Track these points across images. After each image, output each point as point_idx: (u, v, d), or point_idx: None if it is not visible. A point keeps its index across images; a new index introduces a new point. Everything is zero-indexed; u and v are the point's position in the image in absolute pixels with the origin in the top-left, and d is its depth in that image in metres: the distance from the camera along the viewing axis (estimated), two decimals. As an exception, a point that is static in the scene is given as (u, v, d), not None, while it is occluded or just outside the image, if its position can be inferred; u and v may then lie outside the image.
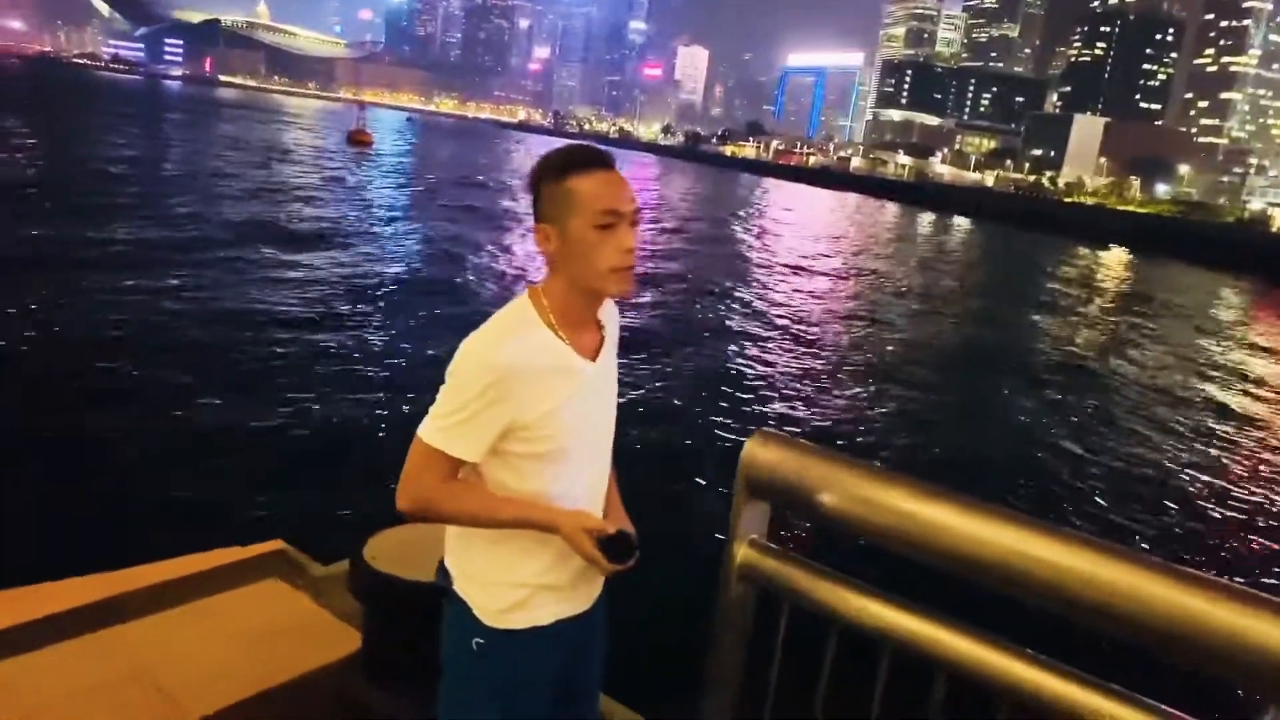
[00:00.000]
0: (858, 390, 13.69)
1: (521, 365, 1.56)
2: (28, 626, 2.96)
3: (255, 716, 2.70)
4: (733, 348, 15.46)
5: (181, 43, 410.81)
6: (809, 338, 17.28)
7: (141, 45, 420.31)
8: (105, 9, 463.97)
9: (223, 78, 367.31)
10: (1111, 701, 1.49)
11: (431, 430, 1.59)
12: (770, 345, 16.07)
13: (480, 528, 1.67)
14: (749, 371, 13.92)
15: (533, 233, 1.66)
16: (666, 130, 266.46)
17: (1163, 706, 1.47)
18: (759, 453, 1.95)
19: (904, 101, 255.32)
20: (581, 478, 1.72)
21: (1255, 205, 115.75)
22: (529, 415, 1.58)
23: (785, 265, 29.05)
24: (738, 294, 21.78)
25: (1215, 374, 19.74)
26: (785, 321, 18.72)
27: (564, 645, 1.77)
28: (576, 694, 1.88)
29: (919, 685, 1.75)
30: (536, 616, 1.70)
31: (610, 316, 1.79)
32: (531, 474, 1.65)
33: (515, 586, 1.69)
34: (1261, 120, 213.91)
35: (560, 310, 1.64)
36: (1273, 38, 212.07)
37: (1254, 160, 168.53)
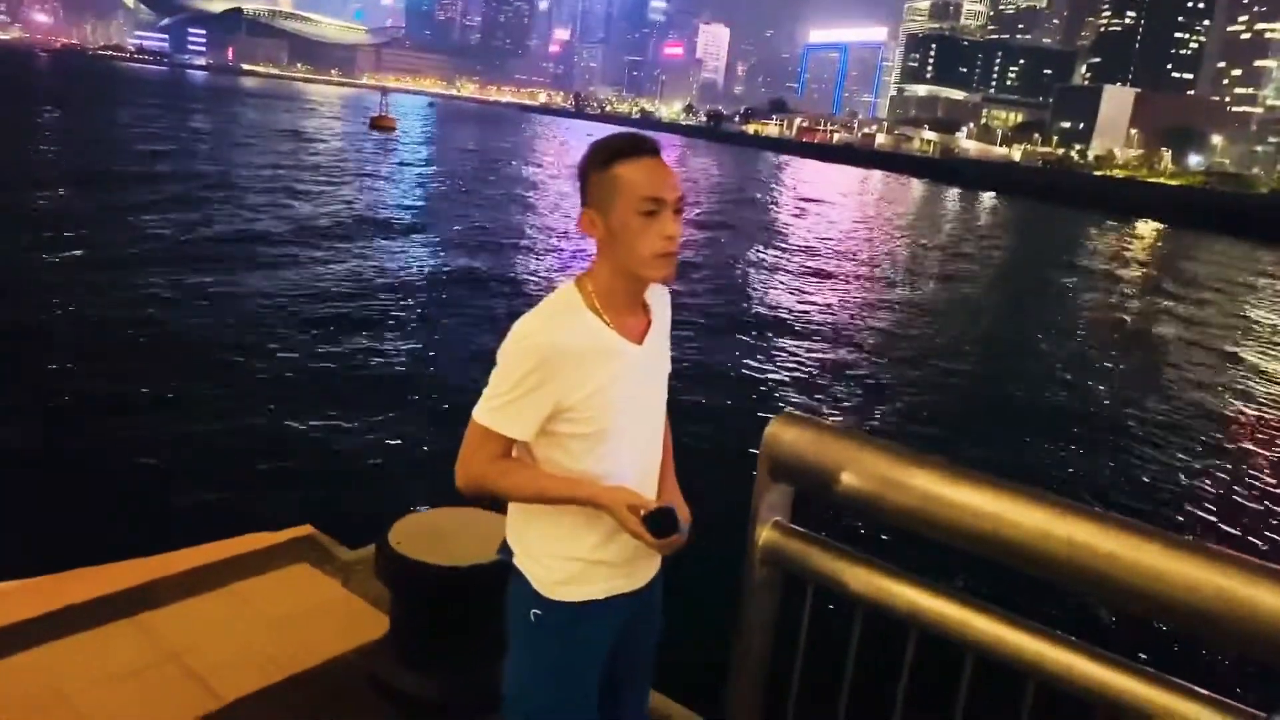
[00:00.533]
0: (885, 372, 13.59)
1: (566, 348, 1.62)
2: (61, 613, 3.01)
3: (286, 700, 2.74)
4: (755, 330, 15.39)
5: (204, 32, 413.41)
6: (833, 320, 17.17)
7: (165, 36, 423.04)
8: (130, 0, 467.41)
9: (245, 66, 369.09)
10: (1141, 683, 1.48)
11: (484, 411, 1.67)
12: (794, 327, 15.99)
13: (531, 503, 1.74)
14: (773, 353, 13.87)
15: (579, 218, 1.70)
16: (688, 110, 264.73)
17: (1195, 688, 1.45)
18: (782, 435, 1.94)
19: (929, 76, 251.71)
20: (630, 458, 1.76)
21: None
22: (574, 397, 1.64)
23: (808, 246, 28.85)
24: (761, 276, 21.67)
25: (1253, 344, 19.40)
26: (809, 304, 18.62)
27: (618, 619, 1.82)
28: (633, 662, 1.92)
29: (947, 667, 1.74)
30: (591, 590, 1.76)
31: (660, 301, 1.83)
32: (580, 454, 1.70)
33: (570, 560, 1.75)
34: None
35: (605, 295, 1.69)
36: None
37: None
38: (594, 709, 1.80)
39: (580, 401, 1.65)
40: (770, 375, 12.63)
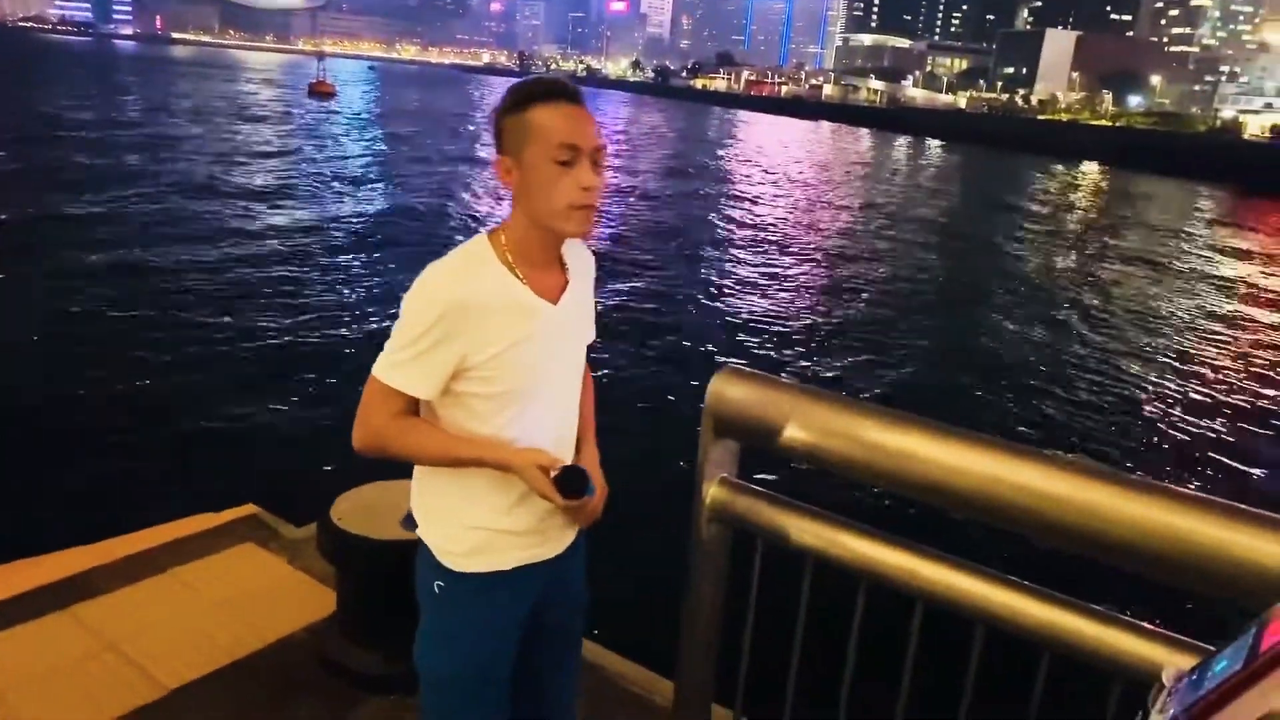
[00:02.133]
0: (831, 324, 13.66)
1: (472, 302, 1.53)
2: (-7, 608, 2.89)
3: (233, 684, 2.67)
4: (702, 284, 15.37)
5: (130, 1, 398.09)
6: (779, 273, 17.20)
7: (88, 4, 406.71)
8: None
9: (175, 35, 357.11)
10: (1089, 621, 1.47)
11: (384, 366, 1.57)
12: (740, 282, 15.99)
13: (434, 465, 1.65)
14: (719, 308, 13.86)
15: (495, 164, 1.61)
16: (635, 66, 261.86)
17: (1144, 625, 1.45)
18: (724, 390, 1.90)
19: (874, 25, 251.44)
20: (543, 422, 1.67)
21: (1226, 113, 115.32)
22: (481, 354, 1.55)
23: (755, 199, 28.81)
24: (708, 230, 21.62)
25: (1192, 282, 19.84)
26: (755, 258, 18.61)
27: (530, 591, 1.73)
28: (553, 636, 1.84)
29: (897, 616, 1.72)
30: (498, 561, 1.67)
31: (581, 261, 1.73)
32: (487, 415, 1.61)
33: (474, 529, 1.66)
34: (1232, 26, 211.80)
35: (518, 248, 1.60)
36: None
37: (1225, 68, 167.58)
38: (504, 683, 1.74)
39: (487, 360, 1.56)
40: (715, 330, 12.63)
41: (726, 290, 15.04)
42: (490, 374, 1.57)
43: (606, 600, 2.00)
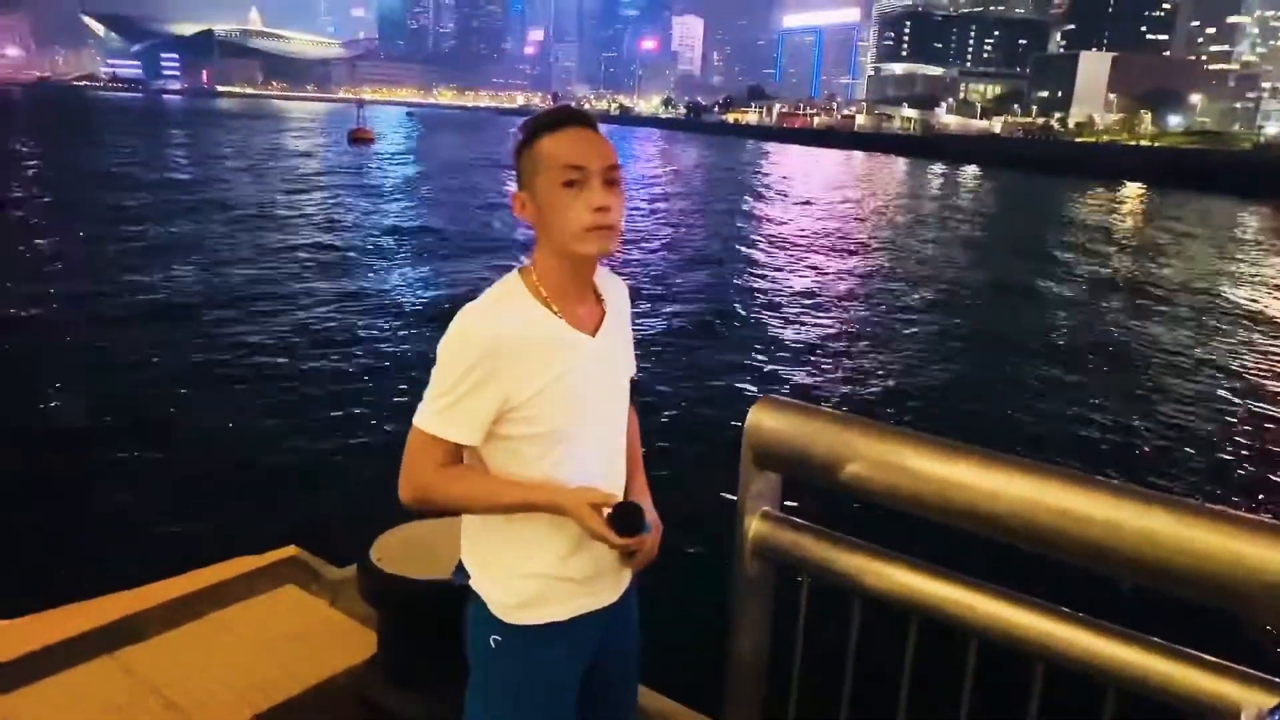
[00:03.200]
0: (872, 352, 13.51)
1: (509, 340, 1.49)
2: (37, 655, 2.91)
3: (274, 728, 2.64)
4: (741, 315, 15.32)
5: (177, 56, 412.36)
6: (817, 301, 17.10)
7: (138, 62, 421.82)
8: (100, 29, 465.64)
9: (220, 88, 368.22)
10: (1155, 656, 1.41)
11: (425, 415, 1.53)
12: (781, 311, 15.92)
13: (484, 513, 1.61)
14: (758, 338, 13.78)
15: (512, 203, 1.59)
16: (667, 103, 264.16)
17: (1213, 659, 1.38)
18: (764, 421, 1.85)
19: (905, 54, 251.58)
20: (591, 460, 1.62)
21: (1270, 130, 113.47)
22: (522, 393, 1.51)
23: (790, 230, 28.77)
24: (744, 262, 21.59)
25: (1244, 299, 19.37)
26: (792, 287, 18.53)
27: (587, 641, 1.68)
28: (608, 689, 1.79)
29: (951, 653, 1.67)
30: (555, 611, 1.63)
31: (615, 292, 1.70)
32: (534, 457, 1.56)
33: (530, 578, 1.61)
34: (1272, 42, 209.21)
35: (550, 282, 1.56)
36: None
37: (1266, 84, 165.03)
38: None
39: (530, 399, 1.51)
40: (753, 359, 12.56)
41: (764, 319, 14.97)
42: (533, 413, 1.53)
43: (650, 639, 1.94)
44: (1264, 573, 1.24)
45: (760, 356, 12.74)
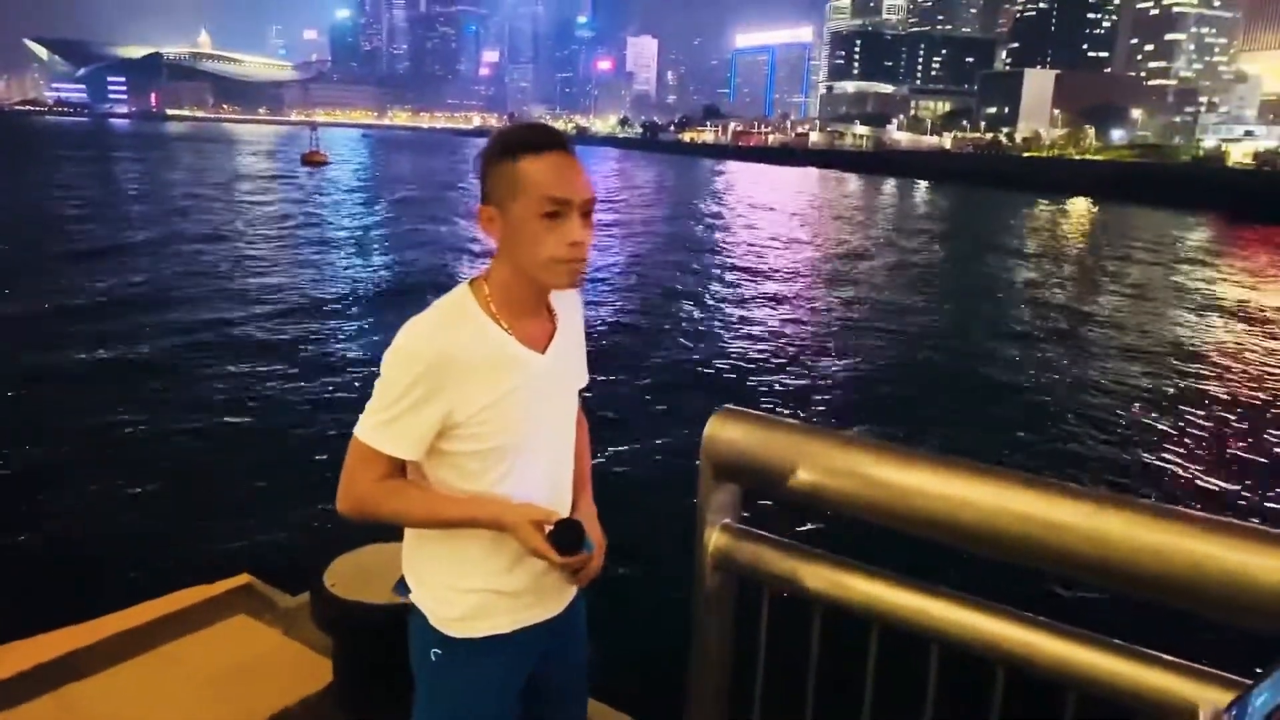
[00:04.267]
0: (828, 363, 13.62)
1: (456, 355, 1.46)
2: (-26, 695, 2.79)
3: (225, 764, 2.55)
4: (699, 329, 15.37)
5: (124, 80, 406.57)
6: (776, 314, 17.22)
7: (84, 86, 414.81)
8: (44, 53, 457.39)
9: (170, 111, 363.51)
10: (1115, 657, 1.41)
11: (365, 427, 1.50)
12: (737, 323, 15.99)
13: (424, 528, 1.59)
14: (717, 350, 13.82)
15: (477, 214, 1.54)
16: (623, 123, 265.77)
17: (1170, 658, 1.39)
18: (721, 431, 1.83)
19: (856, 72, 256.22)
20: (536, 477, 1.60)
21: (1209, 143, 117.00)
22: (466, 410, 1.48)
23: (746, 245, 28.99)
24: (701, 278, 21.69)
25: (1187, 309, 19.87)
26: (749, 300, 18.65)
27: (529, 653, 1.67)
28: (555, 702, 1.76)
29: (912, 658, 1.67)
30: (496, 624, 1.61)
31: (568, 306, 1.67)
32: (478, 473, 1.54)
33: (470, 592, 1.59)
34: (1207, 58, 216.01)
35: (502, 298, 1.53)
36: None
37: (1204, 99, 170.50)
38: None
39: (474, 416, 1.48)
40: (711, 372, 12.59)
41: (721, 332, 15.02)
42: (478, 430, 1.50)
43: (609, 655, 1.91)
44: (1220, 571, 1.25)
45: (718, 367, 12.78)
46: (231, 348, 12.64)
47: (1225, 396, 12.72)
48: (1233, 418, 11.64)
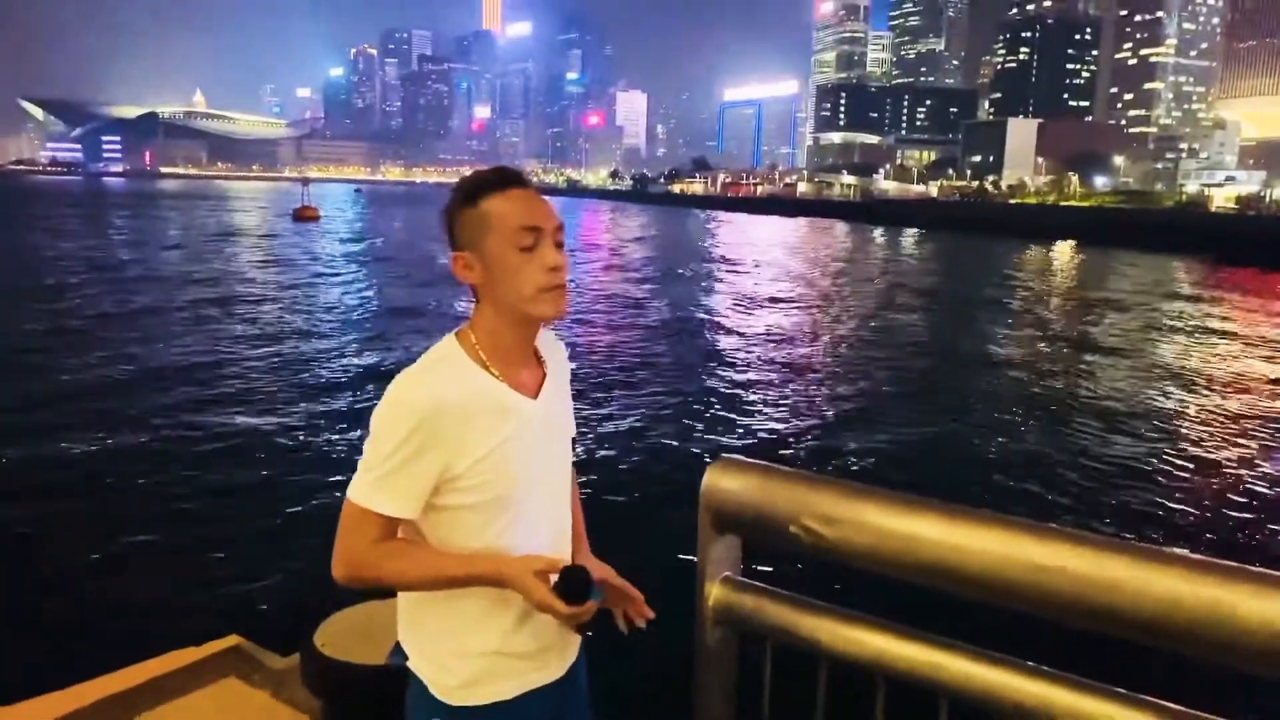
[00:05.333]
0: (824, 411, 13.59)
1: (448, 406, 1.42)
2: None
3: (211, 835, 2.46)
4: (693, 378, 15.33)
5: (119, 139, 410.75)
6: (770, 362, 17.22)
7: (78, 145, 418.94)
8: (39, 113, 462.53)
9: (164, 169, 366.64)
10: (1129, 709, 1.37)
11: (358, 487, 1.45)
12: (731, 373, 15.98)
13: (424, 590, 1.52)
14: (711, 400, 13.78)
15: (452, 263, 1.53)
16: (614, 175, 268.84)
17: (1185, 710, 1.35)
18: (721, 481, 1.80)
19: (842, 124, 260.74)
20: (536, 527, 1.56)
21: (1191, 188, 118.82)
22: (464, 461, 1.44)
23: (741, 293, 29.12)
24: (695, 326, 21.73)
25: (1178, 351, 19.95)
26: (744, 348, 18.66)
27: (534, 719, 1.62)
28: None
29: (921, 714, 1.66)
30: (500, 689, 1.54)
31: (554, 351, 1.65)
32: (477, 528, 1.50)
33: (473, 657, 1.54)
34: (1186, 106, 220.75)
35: (490, 345, 1.51)
36: (1186, 25, 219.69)
37: (1184, 145, 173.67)
38: None
39: (470, 467, 1.45)
40: (709, 421, 12.52)
41: (718, 380, 15.00)
42: (475, 482, 1.46)
43: (610, 713, 1.85)
44: (1240, 620, 1.21)
45: (715, 415, 12.72)
46: (218, 404, 12.54)
47: (1218, 433, 12.71)
48: (1221, 453, 11.62)
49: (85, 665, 3.52)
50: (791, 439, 11.92)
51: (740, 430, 12.19)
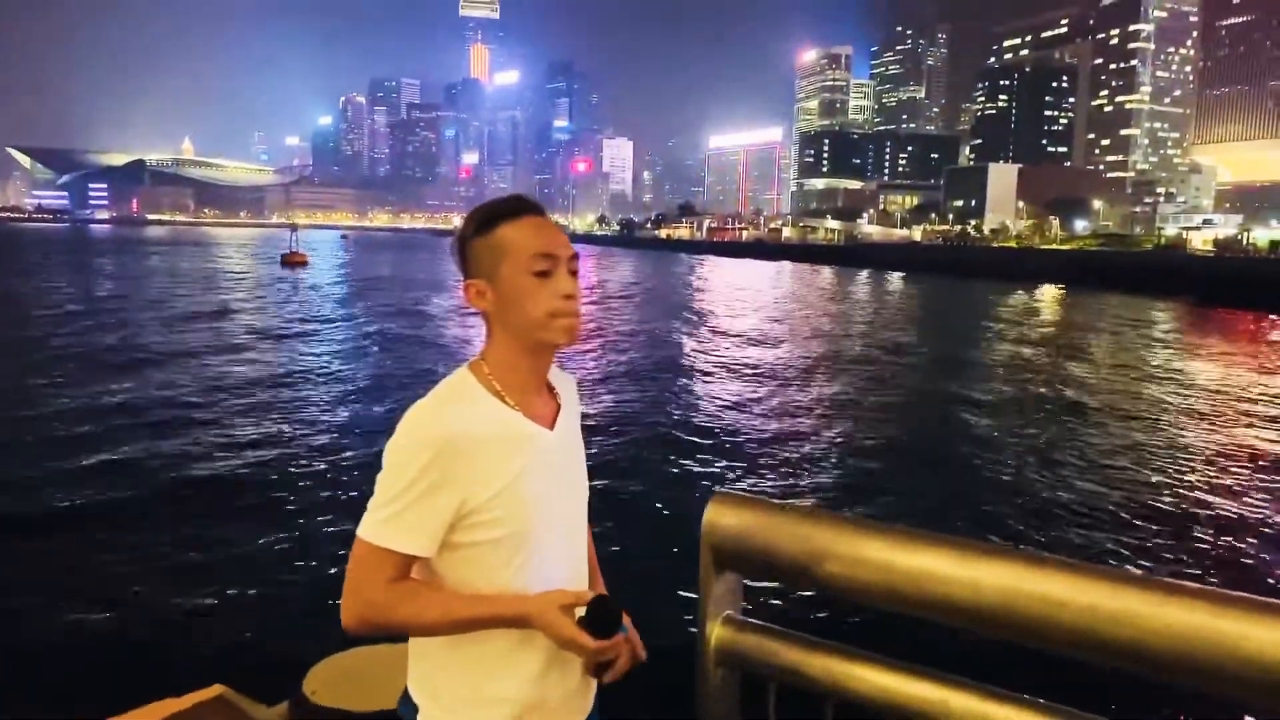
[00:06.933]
0: (818, 449, 13.56)
1: (465, 437, 1.38)
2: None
3: None
4: (687, 419, 15.28)
5: (106, 186, 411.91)
6: (760, 403, 17.21)
7: (65, 193, 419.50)
8: (26, 160, 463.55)
9: (150, 216, 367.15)
10: None
11: (371, 525, 1.38)
12: (724, 414, 15.95)
13: (441, 634, 1.44)
14: (704, 442, 13.74)
15: (464, 291, 1.51)
16: (601, 220, 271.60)
17: None
18: (721, 518, 1.76)
19: (825, 169, 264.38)
20: (554, 565, 1.50)
21: (1170, 231, 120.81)
22: (480, 495, 1.39)
23: (728, 335, 29.20)
24: (688, 368, 21.73)
25: (1162, 393, 20.06)
26: (735, 390, 18.66)
27: None
28: None
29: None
30: None
31: (565, 383, 1.63)
32: (495, 566, 1.43)
33: (495, 704, 1.46)
34: (1162, 152, 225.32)
35: (504, 374, 1.48)
36: (1160, 74, 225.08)
37: (1161, 189, 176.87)
38: None
39: (489, 500, 1.40)
40: (706, 459, 12.47)
41: (712, 419, 14.96)
42: (494, 516, 1.41)
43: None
44: (1256, 655, 1.17)
45: (712, 454, 12.67)
46: (210, 445, 12.42)
47: (1199, 475, 12.73)
48: (1217, 482, 11.62)
49: (63, 718, 3.42)
50: (790, 475, 11.88)
51: (739, 468, 12.16)
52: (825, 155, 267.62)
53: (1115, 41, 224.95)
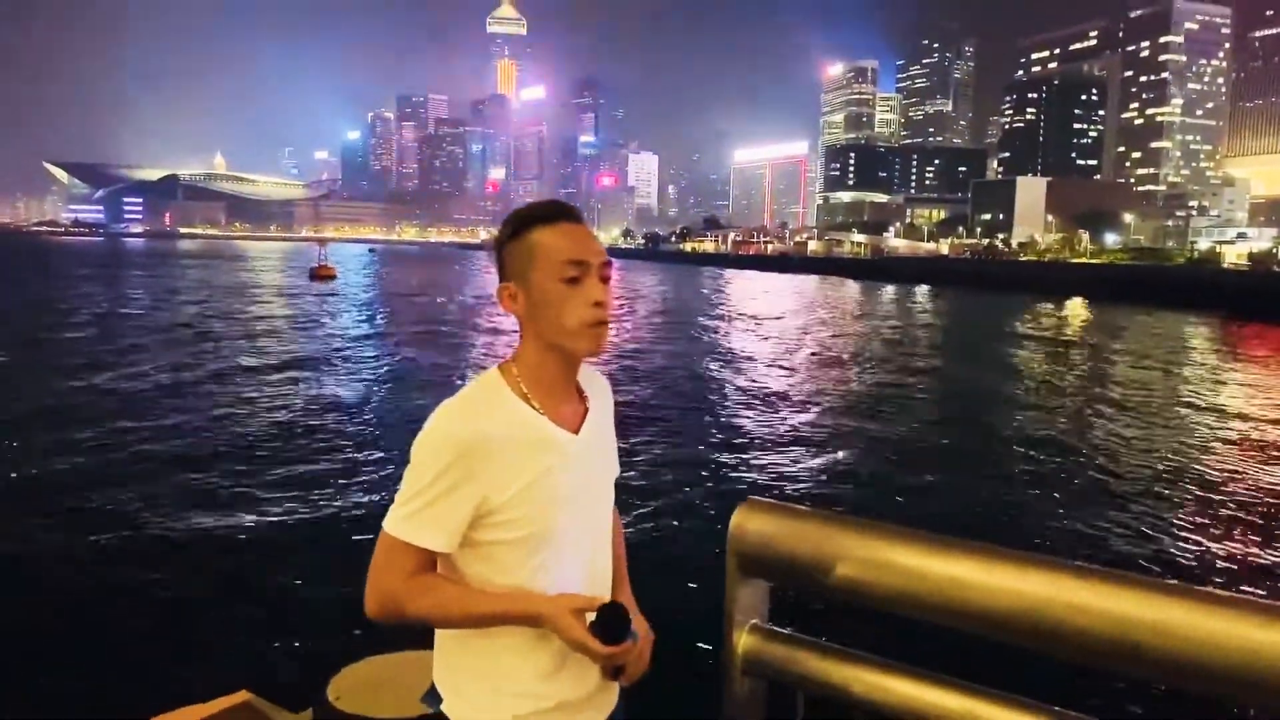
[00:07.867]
0: (846, 457, 13.46)
1: (489, 438, 1.40)
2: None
3: None
4: (714, 429, 15.24)
5: (140, 200, 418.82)
6: (788, 412, 17.12)
7: (100, 207, 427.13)
8: (63, 176, 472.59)
9: (183, 229, 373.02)
10: None
11: (395, 519, 1.42)
12: (750, 424, 15.88)
13: (458, 627, 1.48)
14: (732, 452, 13.67)
15: (498, 293, 1.53)
16: (626, 234, 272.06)
17: None
18: (748, 524, 1.74)
19: (851, 183, 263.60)
20: (574, 566, 1.51)
21: (1203, 245, 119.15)
22: (502, 495, 1.42)
23: (754, 348, 29.10)
24: (714, 378, 21.67)
25: (1196, 410, 19.74)
26: (763, 400, 18.58)
27: None
28: None
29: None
30: None
31: (597, 387, 1.62)
32: (514, 565, 1.46)
33: (506, 698, 1.48)
34: (1194, 164, 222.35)
35: (532, 378, 1.49)
36: (1192, 86, 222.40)
37: (1193, 203, 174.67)
38: None
39: (509, 500, 1.42)
40: (735, 466, 12.44)
41: (741, 427, 14.90)
42: (514, 516, 1.43)
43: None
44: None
45: (741, 461, 12.64)
46: (231, 453, 12.53)
47: (1245, 485, 12.49)
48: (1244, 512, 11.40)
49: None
50: (817, 482, 11.83)
51: (768, 474, 12.12)
52: (851, 168, 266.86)
53: (1145, 54, 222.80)
